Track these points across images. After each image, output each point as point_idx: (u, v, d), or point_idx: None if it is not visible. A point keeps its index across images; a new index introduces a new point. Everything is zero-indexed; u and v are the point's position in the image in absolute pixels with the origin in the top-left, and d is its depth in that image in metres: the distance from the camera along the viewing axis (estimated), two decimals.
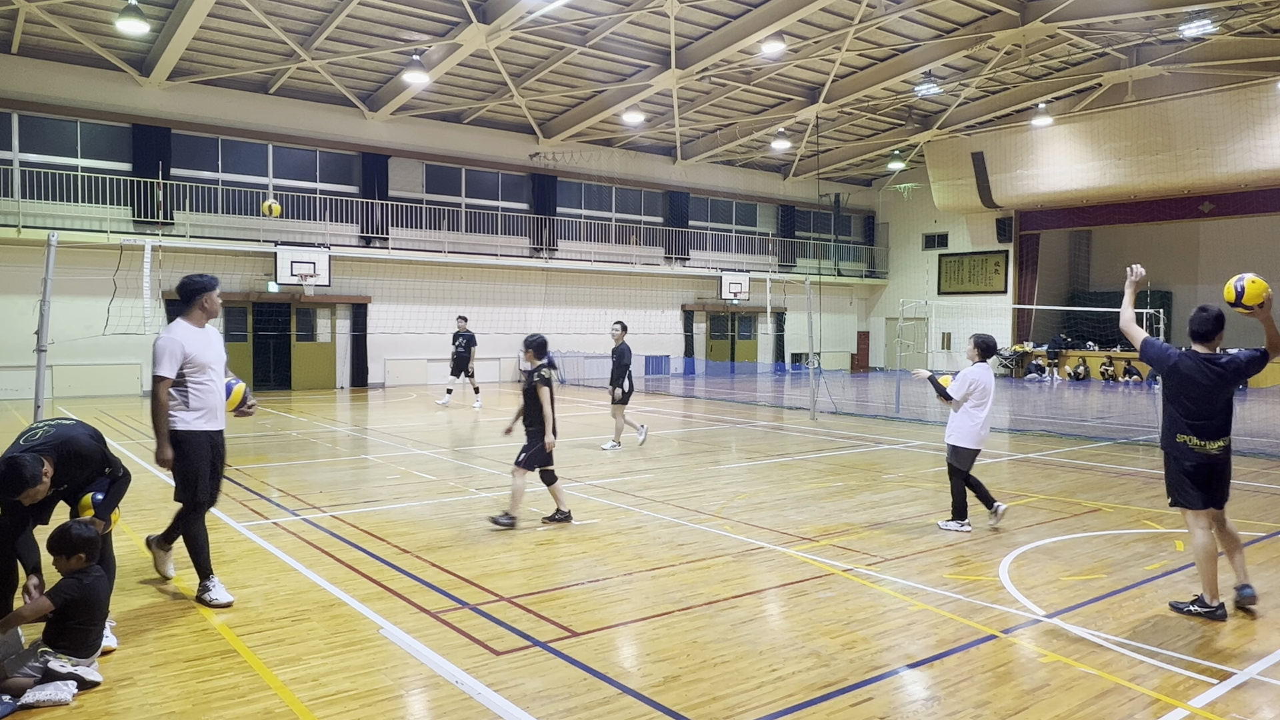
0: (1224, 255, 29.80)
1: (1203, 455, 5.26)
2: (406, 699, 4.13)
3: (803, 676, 4.38)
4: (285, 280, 21.76)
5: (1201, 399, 5.29)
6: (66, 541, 4.32)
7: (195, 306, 5.54)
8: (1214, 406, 5.28)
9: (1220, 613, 5.19)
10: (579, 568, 6.33)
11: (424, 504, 8.60)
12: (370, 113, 23.88)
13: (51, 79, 19.98)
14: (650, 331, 29.69)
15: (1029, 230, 31.19)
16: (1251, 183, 24.54)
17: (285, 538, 7.19)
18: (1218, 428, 5.28)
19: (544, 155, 27.33)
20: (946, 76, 24.18)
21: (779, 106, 25.95)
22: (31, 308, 17.81)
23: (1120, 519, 8.07)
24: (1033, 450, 12.75)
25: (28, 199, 19.75)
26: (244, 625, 5.07)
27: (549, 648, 4.74)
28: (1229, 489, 5.40)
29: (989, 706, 4.05)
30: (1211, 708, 4.06)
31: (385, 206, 24.45)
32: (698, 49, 21.05)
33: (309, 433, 14.37)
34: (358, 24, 19.07)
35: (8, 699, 3.95)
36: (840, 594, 5.74)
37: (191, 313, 5.54)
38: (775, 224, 34.34)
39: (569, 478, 10.15)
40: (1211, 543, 5.27)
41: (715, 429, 15.39)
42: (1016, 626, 5.15)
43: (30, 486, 4.36)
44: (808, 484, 9.84)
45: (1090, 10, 19.06)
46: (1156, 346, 5.56)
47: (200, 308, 5.54)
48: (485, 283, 26.26)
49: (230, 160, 22.61)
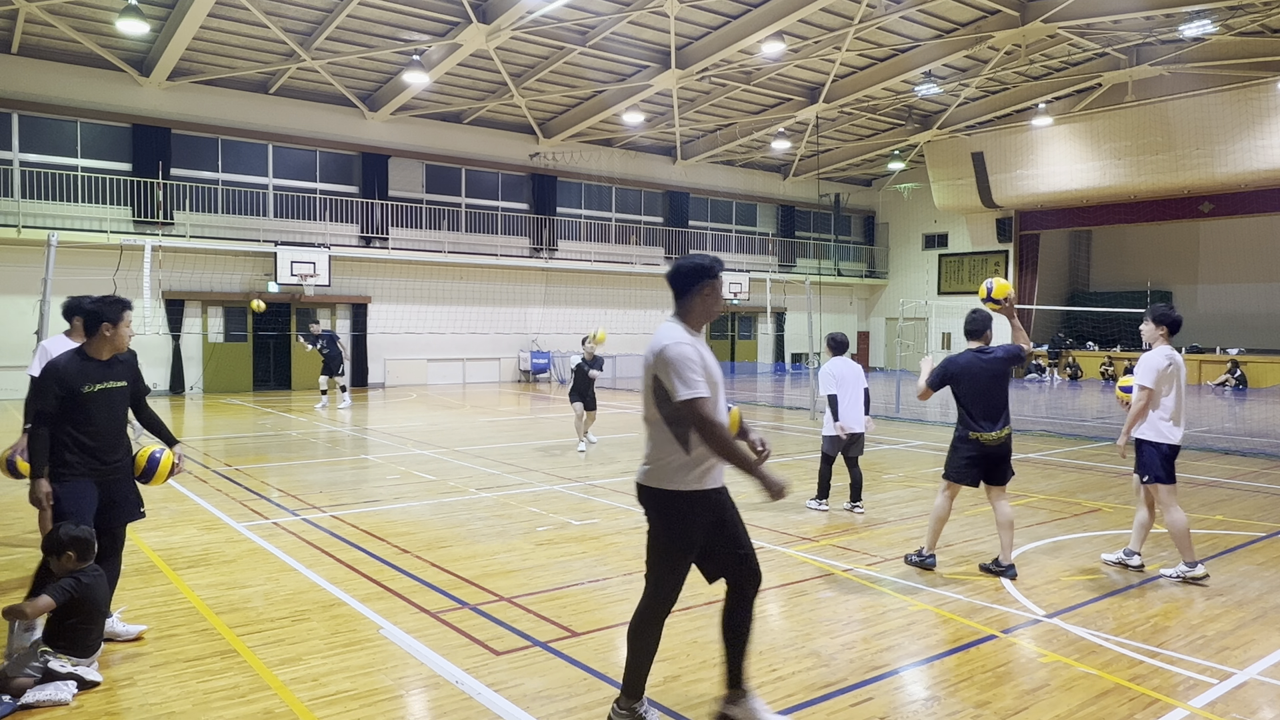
0: (1224, 255, 29.81)
1: (990, 446, 6.03)
2: (406, 699, 4.13)
3: (803, 676, 4.38)
4: (285, 280, 21.75)
5: (984, 391, 6.04)
6: (56, 541, 4.32)
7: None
8: (996, 399, 6.05)
9: (930, 561, 6.28)
10: (579, 568, 6.33)
11: (424, 504, 8.60)
12: (370, 113, 23.88)
13: (51, 79, 19.98)
14: (650, 332, 29.57)
15: (1029, 230, 31.18)
16: (1251, 183, 24.53)
17: (285, 538, 7.19)
18: (1003, 419, 6.06)
19: (544, 155, 27.33)
20: (946, 76, 24.18)
21: (779, 106, 25.95)
22: (31, 308, 17.80)
23: (1120, 519, 8.07)
24: (1033, 450, 12.74)
25: (28, 199, 19.75)
26: (244, 625, 5.06)
27: (549, 648, 4.74)
28: (1009, 468, 6.17)
29: (989, 706, 4.05)
30: (1211, 708, 4.06)
31: (385, 206, 24.45)
32: (698, 49, 21.05)
33: (309, 433, 14.36)
34: (358, 24, 19.07)
35: (8, 699, 3.96)
36: (840, 594, 5.74)
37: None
38: (775, 224, 34.34)
39: (569, 478, 10.16)
40: (947, 510, 6.26)
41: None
42: (1016, 626, 5.14)
43: (112, 322, 4.61)
44: (808, 484, 9.83)
45: (1090, 10, 19.06)
46: (937, 371, 6.21)
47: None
48: (485, 283, 26.26)
49: (230, 160, 22.60)
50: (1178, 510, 6.08)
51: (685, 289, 3.68)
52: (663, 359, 3.53)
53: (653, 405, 3.65)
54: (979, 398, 6.04)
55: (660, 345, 3.56)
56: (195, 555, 6.62)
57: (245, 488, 9.39)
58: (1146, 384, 6.09)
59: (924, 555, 6.33)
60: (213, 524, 7.68)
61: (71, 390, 4.51)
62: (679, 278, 3.69)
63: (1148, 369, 6.11)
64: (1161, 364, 6.07)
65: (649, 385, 3.63)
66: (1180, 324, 6.19)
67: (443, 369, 25.99)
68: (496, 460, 11.47)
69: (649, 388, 3.64)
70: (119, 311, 4.70)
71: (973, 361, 6.09)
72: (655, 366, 3.56)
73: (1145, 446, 6.17)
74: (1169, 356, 6.11)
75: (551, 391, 23.98)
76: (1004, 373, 6.10)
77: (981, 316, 6.21)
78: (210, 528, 7.53)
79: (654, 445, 3.67)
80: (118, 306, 4.70)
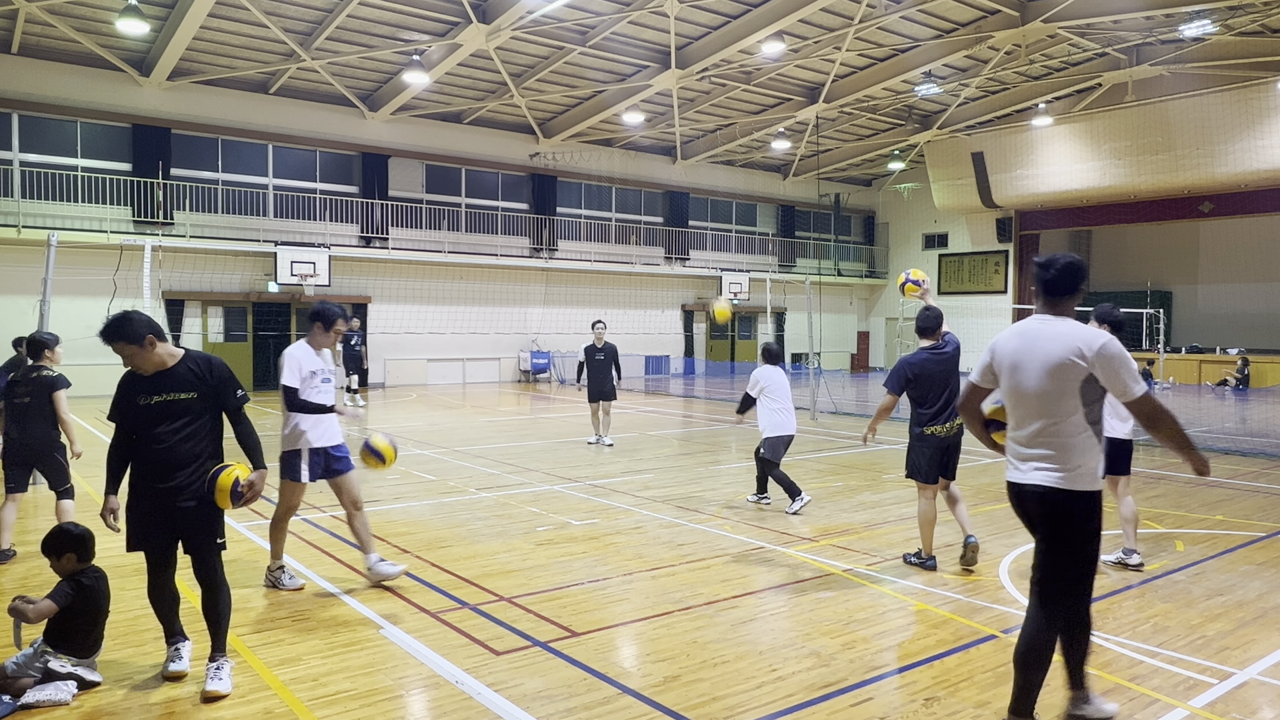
0: (1224, 255, 29.81)
1: (945, 440, 6.24)
2: (406, 699, 4.13)
3: (803, 676, 4.38)
4: (285, 280, 21.76)
5: (938, 388, 6.20)
6: (57, 542, 4.32)
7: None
8: (949, 394, 6.19)
9: (931, 564, 6.33)
10: (579, 568, 6.33)
11: (424, 504, 8.60)
12: (370, 113, 23.88)
13: (51, 79, 19.98)
14: (650, 331, 29.70)
15: (1029, 230, 31.18)
16: (1251, 183, 24.53)
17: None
18: (950, 411, 6.21)
19: (544, 155, 27.33)
20: (946, 76, 24.18)
21: (779, 106, 25.95)
22: (31, 308, 17.78)
23: (1120, 519, 8.05)
24: None
25: (28, 199, 19.75)
26: (244, 625, 5.06)
27: (549, 648, 4.74)
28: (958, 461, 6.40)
29: (989, 706, 4.05)
30: (1211, 708, 4.06)
31: (385, 206, 24.45)
32: (698, 49, 21.05)
33: None
34: (358, 24, 19.07)
35: (8, 699, 3.96)
36: (840, 594, 5.74)
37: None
38: (775, 224, 34.34)
39: (569, 478, 10.16)
40: (933, 511, 6.33)
41: (715, 429, 15.40)
42: (1016, 626, 5.13)
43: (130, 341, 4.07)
44: (808, 484, 9.84)
45: (1090, 10, 19.06)
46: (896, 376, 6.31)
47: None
48: (485, 283, 26.26)
49: (230, 160, 22.61)
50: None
51: (1071, 288, 3.70)
52: (1107, 356, 3.48)
53: (1074, 404, 3.57)
54: (934, 394, 6.22)
55: (1097, 342, 3.51)
56: None
57: None
58: None
59: (923, 558, 6.41)
60: None
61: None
62: (1067, 277, 3.68)
63: None
64: None
65: (1072, 385, 3.55)
66: (1123, 324, 6.35)
67: (443, 369, 25.97)
68: (496, 460, 11.47)
69: (1073, 388, 3.55)
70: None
71: (928, 360, 6.26)
72: (1097, 365, 3.49)
73: None
74: None
75: (551, 391, 23.98)
76: (956, 368, 6.26)
77: (935, 314, 6.34)
78: None
79: (1069, 449, 3.58)
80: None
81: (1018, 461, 3.72)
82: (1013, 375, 3.72)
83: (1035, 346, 3.64)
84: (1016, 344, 3.73)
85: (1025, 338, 3.72)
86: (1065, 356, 3.54)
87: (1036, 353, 3.62)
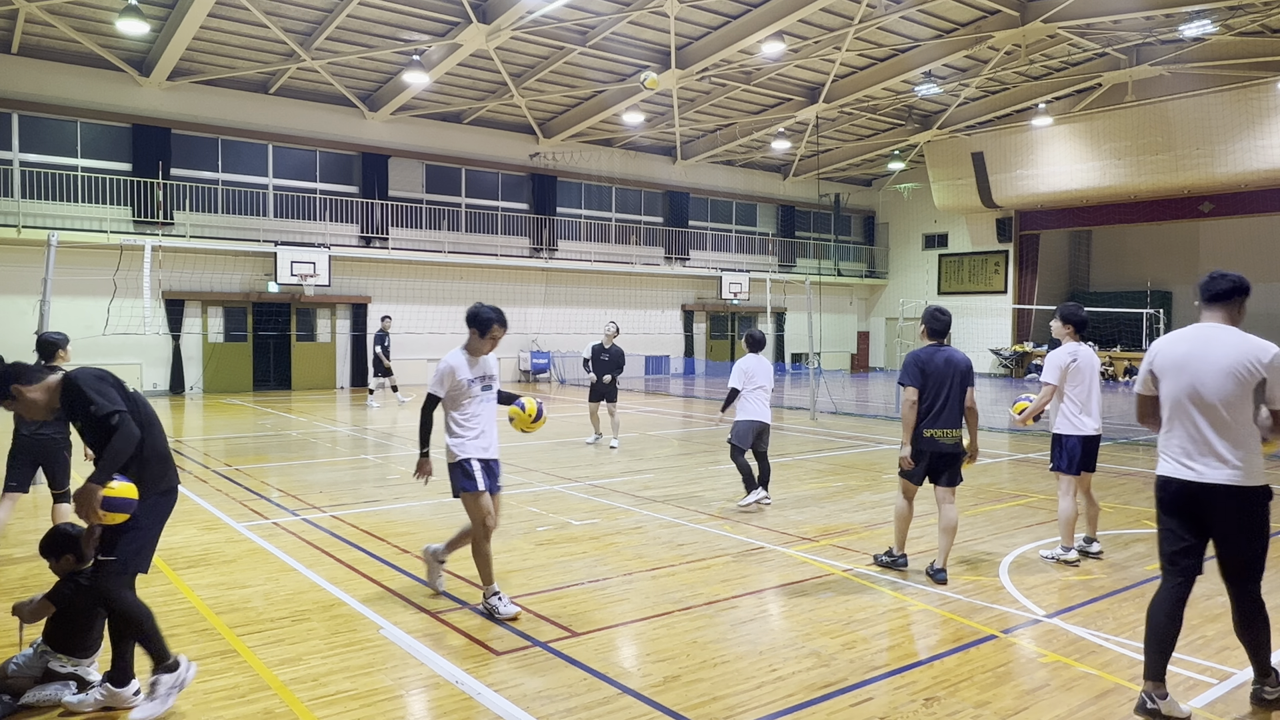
0: (1224, 255, 29.77)
1: (943, 447, 6.05)
2: (406, 699, 4.13)
3: (803, 676, 4.38)
4: (285, 280, 21.75)
5: (950, 390, 6.05)
6: (55, 543, 4.31)
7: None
8: (958, 399, 6.08)
9: (902, 561, 6.31)
10: (579, 568, 6.33)
11: (424, 504, 8.60)
12: (370, 113, 23.88)
13: (51, 79, 19.98)
14: (650, 331, 29.69)
15: (1029, 230, 31.18)
16: (1251, 183, 24.53)
17: (285, 538, 7.19)
18: (955, 418, 6.08)
19: (544, 155, 27.33)
20: (946, 76, 24.18)
21: (779, 106, 25.96)
22: (31, 308, 17.80)
23: (1120, 519, 8.07)
24: (1033, 450, 12.75)
25: (28, 199, 19.75)
26: (244, 625, 5.06)
27: (549, 648, 4.74)
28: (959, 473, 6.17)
29: (989, 706, 4.05)
30: (1211, 708, 4.06)
31: (385, 206, 24.45)
32: (698, 49, 21.05)
33: (309, 433, 14.36)
34: (358, 24, 19.07)
35: (8, 699, 3.96)
36: (840, 594, 5.74)
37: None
38: (775, 224, 34.34)
39: (569, 478, 10.16)
40: (909, 510, 6.27)
41: (715, 429, 15.39)
42: (1016, 626, 5.14)
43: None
44: (808, 484, 9.85)
45: (1090, 10, 19.06)
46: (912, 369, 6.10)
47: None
48: (485, 283, 26.24)
49: (230, 160, 22.61)
50: (1068, 501, 6.46)
51: (1234, 298, 3.98)
52: (1277, 368, 3.77)
53: (1250, 408, 3.84)
54: (933, 391, 6.06)
55: (1268, 354, 3.78)
56: (195, 555, 6.62)
57: (245, 488, 9.39)
58: (1050, 380, 6.49)
59: (894, 555, 6.35)
60: (213, 524, 7.68)
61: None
62: (1237, 289, 3.99)
63: (1052, 366, 6.52)
64: (1065, 360, 6.44)
65: (1248, 390, 3.81)
66: (1086, 323, 6.55)
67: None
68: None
69: (1248, 392, 3.81)
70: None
71: (936, 355, 6.15)
72: (1270, 371, 3.77)
73: (1061, 439, 6.53)
74: (1073, 353, 6.47)
75: (551, 391, 23.98)
76: (969, 375, 6.13)
77: (949, 316, 6.31)
78: (210, 528, 7.53)
79: (1246, 448, 3.84)
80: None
81: (1190, 462, 3.90)
82: (1179, 378, 3.93)
83: (1210, 352, 3.87)
84: (1186, 348, 3.96)
85: (1195, 343, 3.94)
86: (1243, 362, 3.81)
87: (1213, 358, 3.86)
